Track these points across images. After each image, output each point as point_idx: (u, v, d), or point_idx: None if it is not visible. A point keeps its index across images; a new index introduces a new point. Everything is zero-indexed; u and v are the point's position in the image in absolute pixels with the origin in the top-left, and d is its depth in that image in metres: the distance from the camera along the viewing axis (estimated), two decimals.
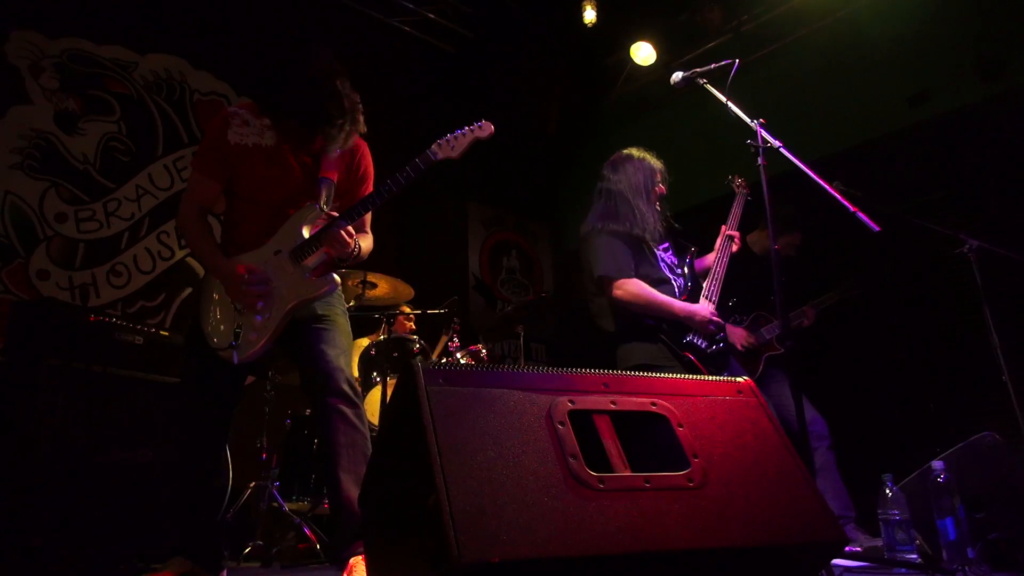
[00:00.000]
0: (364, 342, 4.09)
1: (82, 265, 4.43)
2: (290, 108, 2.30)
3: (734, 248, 3.24)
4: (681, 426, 1.30)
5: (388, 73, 5.85)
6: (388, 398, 3.61)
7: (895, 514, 2.42)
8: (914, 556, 2.38)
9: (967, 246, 3.29)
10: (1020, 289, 3.88)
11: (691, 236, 3.36)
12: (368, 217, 2.55)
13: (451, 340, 4.00)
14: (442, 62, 6.13)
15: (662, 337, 2.93)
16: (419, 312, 4.15)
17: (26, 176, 4.33)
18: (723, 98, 2.64)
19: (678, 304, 2.94)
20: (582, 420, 1.24)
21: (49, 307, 3.28)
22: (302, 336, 2.28)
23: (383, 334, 3.85)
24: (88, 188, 4.55)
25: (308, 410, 4.02)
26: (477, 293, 6.41)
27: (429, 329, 4.26)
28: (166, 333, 3.56)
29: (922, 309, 4.42)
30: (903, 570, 2.30)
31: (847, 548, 3.47)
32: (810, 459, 2.62)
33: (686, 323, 2.92)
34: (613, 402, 1.29)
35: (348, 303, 3.92)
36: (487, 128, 2.36)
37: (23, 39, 4.46)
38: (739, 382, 1.46)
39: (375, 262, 5.21)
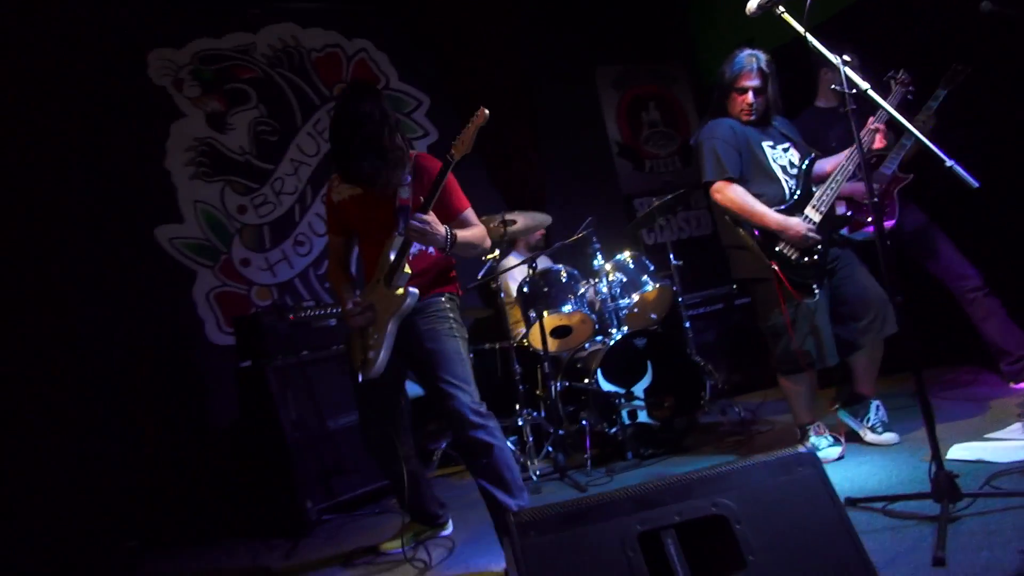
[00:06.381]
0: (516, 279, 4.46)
1: (272, 244, 5.12)
2: (347, 171, 2.68)
3: (876, 144, 3.06)
4: (739, 524, 1.52)
5: None
6: (547, 331, 4.01)
7: None
8: None
9: None
10: None
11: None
12: (470, 215, 2.79)
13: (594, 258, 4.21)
14: None
15: (753, 244, 3.01)
16: (563, 242, 4.37)
17: (204, 182, 4.96)
18: (802, 30, 2.45)
19: (771, 216, 3.00)
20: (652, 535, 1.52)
21: (257, 320, 3.95)
22: (422, 364, 2.66)
23: (531, 268, 4.15)
24: (253, 176, 5.12)
25: (487, 344, 4.54)
26: (622, 159, 6.41)
27: (574, 250, 4.49)
28: None
29: None
30: None
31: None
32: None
33: (779, 235, 2.95)
34: (678, 514, 1.54)
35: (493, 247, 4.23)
36: (482, 114, 2.50)
37: (159, 58, 4.92)
38: (802, 454, 1.62)
39: (513, 200, 5.46)
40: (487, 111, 2.49)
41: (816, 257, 2.98)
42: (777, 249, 2.98)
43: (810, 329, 2.98)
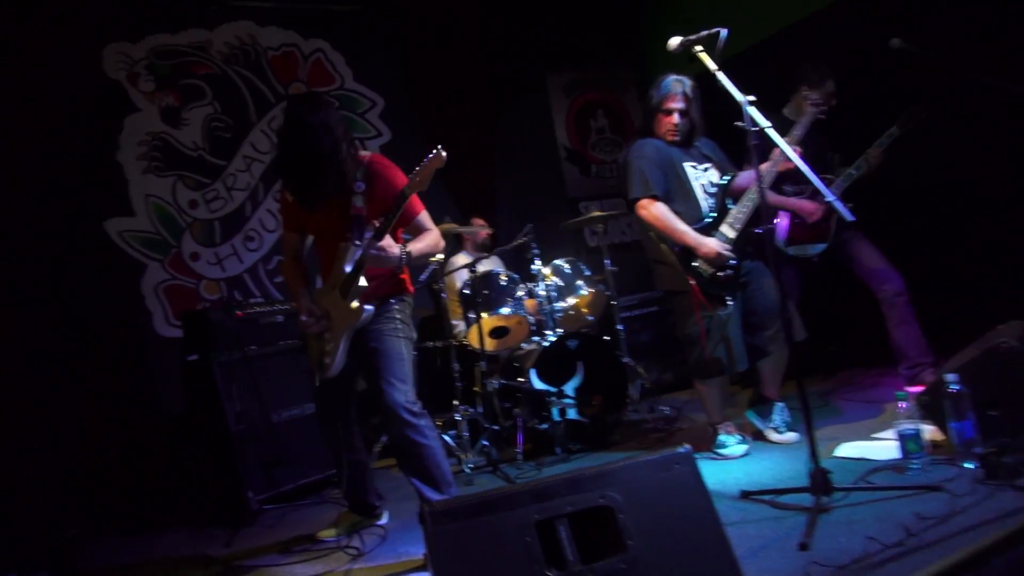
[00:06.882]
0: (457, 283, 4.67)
1: (222, 239, 5.23)
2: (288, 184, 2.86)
3: (779, 168, 3.31)
4: (622, 514, 1.76)
5: None
6: (487, 332, 4.23)
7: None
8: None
9: None
10: None
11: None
12: (424, 219, 2.89)
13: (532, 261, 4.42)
14: None
15: (674, 260, 3.27)
16: (504, 248, 4.60)
17: (156, 176, 5.05)
18: (714, 67, 2.70)
19: (690, 235, 3.26)
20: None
21: (205, 315, 4.08)
22: (365, 362, 2.85)
23: (471, 271, 4.35)
24: (205, 171, 5.23)
25: (430, 342, 4.74)
26: (569, 163, 6.65)
27: (515, 254, 4.71)
28: None
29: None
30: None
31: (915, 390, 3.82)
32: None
33: (695, 252, 3.22)
34: (570, 504, 1.77)
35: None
36: (439, 156, 2.54)
37: (114, 52, 4.99)
38: (679, 454, 1.87)
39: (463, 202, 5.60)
40: (444, 154, 2.54)
41: (730, 272, 3.25)
42: (694, 265, 3.25)
43: (721, 338, 3.25)
